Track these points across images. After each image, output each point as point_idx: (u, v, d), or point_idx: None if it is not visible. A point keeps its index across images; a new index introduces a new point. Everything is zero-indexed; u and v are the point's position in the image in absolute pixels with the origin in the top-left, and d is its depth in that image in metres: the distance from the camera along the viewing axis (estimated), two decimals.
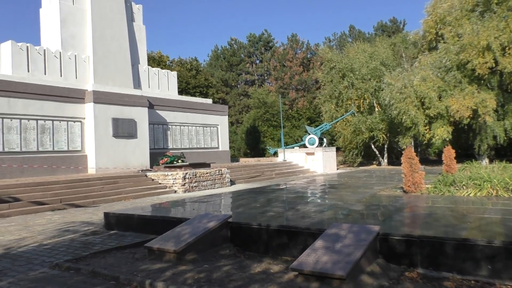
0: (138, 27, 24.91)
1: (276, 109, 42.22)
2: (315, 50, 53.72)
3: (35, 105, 17.96)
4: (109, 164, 19.70)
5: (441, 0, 26.52)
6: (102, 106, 19.83)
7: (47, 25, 20.98)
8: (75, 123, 19.50)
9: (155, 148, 23.49)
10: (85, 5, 21.29)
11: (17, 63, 18.50)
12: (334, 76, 31.92)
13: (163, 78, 26.03)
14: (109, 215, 8.72)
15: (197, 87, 46.72)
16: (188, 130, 26.24)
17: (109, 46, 21.70)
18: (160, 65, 45.56)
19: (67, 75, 20.20)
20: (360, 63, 30.80)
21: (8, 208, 11.66)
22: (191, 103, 26.76)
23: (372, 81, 30.24)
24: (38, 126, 18.09)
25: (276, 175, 23.32)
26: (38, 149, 17.99)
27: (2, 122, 16.87)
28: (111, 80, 21.44)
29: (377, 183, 13.43)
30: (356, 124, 29.83)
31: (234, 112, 51.10)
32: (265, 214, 7.38)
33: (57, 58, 19.94)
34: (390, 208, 7.56)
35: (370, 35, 52.87)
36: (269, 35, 57.43)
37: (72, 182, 14.68)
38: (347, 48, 34.93)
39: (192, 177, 16.94)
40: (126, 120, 20.80)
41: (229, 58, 55.39)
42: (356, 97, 30.54)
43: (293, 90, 51.50)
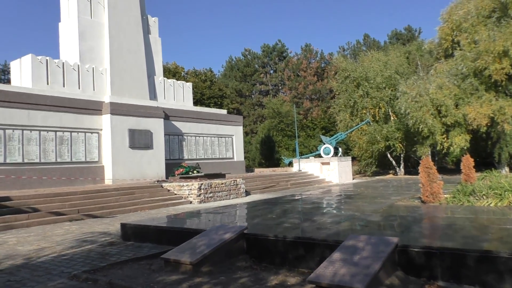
0: (154, 40, 25.29)
1: (290, 119, 42.18)
2: (329, 59, 53.68)
3: (54, 117, 18.31)
4: (125, 175, 19.90)
5: (457, 7, 26.32)
6: (118, 118, 20.10)
7: (66, 38, 21.45)
8: (93, 134, 19.80)
9: (171, 158, 23.65)
10: (103, 19, 21.73)
11: (37, 76, 18.92)
12: (348, 85, 31.82)
13: (178, 89, 26.30)
14: (126, 226, 8.78)
15: (211, 97, 47.05)
16: (203, 140, 26.39)
17: (125, 59, 22.06)
18: (176, 76, 46.07)
19: (85, 87, 20.57)
20: (374, 72, 30.65)
21: (28, 218, 11.84)
22: (206, 113, 26.95)
23: (387, 89, 30.03)
24: (57, 137, 18.42)
25: (291, 185, 23.22)
26: (57, 160, 18.29)
27: (22, 134, 17.22)
28: (127, 91, 21.75)
29: (394, 193, 13.25)
30: (371, 133, 29.59)
31: (248, 122, 51.23)
32: (281, 225, 7.33)
33: (76, 71, 20.34)
34: (408, 219, 7.44)
35: (384, 43, 52.65)
36: (283, 45, 57.65)
37: (89, 193, 14.86)
38: (362, 57, 34.82)
39: (208, 188, 16.98)
40: (142, 131, 21.03)
41: (243, 68, 55.73)
42: (371, 106, 30.34)
43: (308, 100, 51.43)
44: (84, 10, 21.11)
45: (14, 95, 17.04)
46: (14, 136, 16.96)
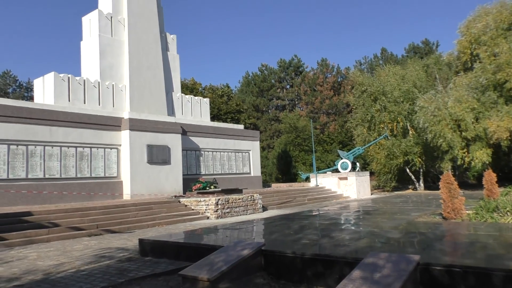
0: (172, 56, 25.72)
1: (307, 134, 42.07)
2: (346, 73, 53.62)
3: (75, 133, 18.69)
4: (143, 190, 20.07)
5: (475, 20, 26.10)
6: (137, 133, 20.39)
7: (87, 56, 22.01)
8: (112, 150, 20.10)
9: (188, 174, 23.78)
10: (123, 37, 22.25)
11: (59, 93, 19.40)
12: (365, 99, 31.66)
13: (195, 105, 26.58)
14: (143, 242, 8.81)
15: (228, 113, 47.37)
16: (220, 155, 26.49)
17: (144, 75, 22.46)
18: (193, 92, 46.63)
19: (105, 103, 20.98)
20: (392, 86, 30.45)
21: (48, 233, 12.01)
22: (223, 129, 27.11)
23: (405, 103, 29.76)
24: (77, 153, 18.76)
25: (309, 201, 23.03)
26: (77, 175, 18.59)
27: (44, 149, 17.60)
28: (146, 108, 22.08)
29: (414, 209, 13.01)
30: (389, 148, 29.26)
31: (265, 137, 51.29)
32: (299, 241, 7.26)
33: (96, 88, 20.79)
34: (429, 236, 7.27)
35: (402, 57, 52.37)
36: (299, 60, 57.90)
37: (108, 208, 15.01)
38: (378, 71, 34.69)
39: (225, 203, 16.97)
40: (160, 146, 21.25)
41: (259, 84, 56.07)
42: (389, 120, 30.06)
43: (324, 114, 51.31)
44: (105, 28, 21.67)
45: (37, 112, 17.49)
46: (36, 152, 17.35)
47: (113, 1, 22.38)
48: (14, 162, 16.62)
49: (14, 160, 16.61)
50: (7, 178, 16.33)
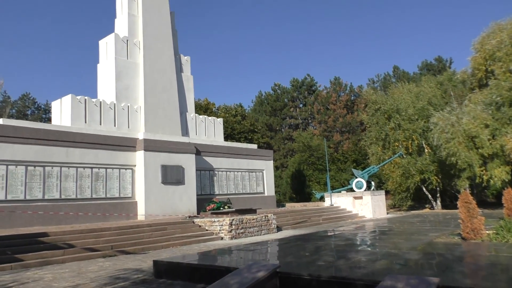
0: (186, 77, 26.09)
1: (321, 152, 41.87)
2: (359, 92, 53.56)
3: (90, 154, 18.94)
4: (158, 211, 20.11)
5: (489, 37, 25.98)
6: (152, 154, 20.57)
7: (103, 78, 22.47)
8: (127, 170, 20.28)
9: (202, 194, 23.79)
10: (138, 59, 22.70)
11: (76, 115, 19.77)
12: (379, 117, 31.50)
13: (209, 125, 26.77)
14: (158, 263, 8.78)
15: (242, 132, 47.55)
16: (234, 175, 26.49)
17: (159, 96, 22.79)
18: (207, 112, 47.04)
19: (120, 124, 21.28)
20: (406, 104, 30.28)
21: (63, 254, 12.06)
22: (236, 148, 27.17)
23: (419, 121, 29.50)
24: (93, 174, 18.97)
25: (324, 221, 22.76)
26: (92, 196, 18.75)
27: (60, 170, 17.85)
28: (160, 128, 22.32)
29: (431, 229, 12.75)
30: (405, 166, 28.90)
31: (279, 156, 51.20)
32: (314, 263, 7.15)
33: (112, 109, 21.14)
34: (448, 257, 7.09)
35: (415, 74, 52.20)
36: (311, 79, 58.13)
37: (122, 229, 15.05)
38: (392, 89, 34.58)
39: (239, 224, 16.87)
40: (174, 167, 21.37)
41: (272, 103, 56.31)
42: (403, 139, 29.76)
43: (338, 133, 51.11)
44: (121, 51, 22.16)
45: (54, 134, 17.82)
46: (53, 173, 17.60)
47: (129, 24, 22.94)
48: (32, 183, 16.87)
49: (31, 181, 16.87)
50: (24, 199, 16.56)
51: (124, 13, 23.20)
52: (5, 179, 16.13)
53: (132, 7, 23.31)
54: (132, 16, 23.16)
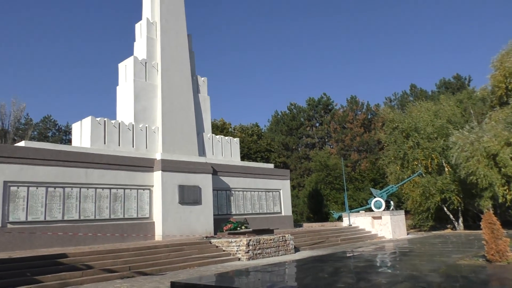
0: (203, 98, 26.40)
1: (338, 172, 41.46)
2: (376, 110, 53.26)
3: (109, 175, 19.17)
4: (175, 231, 20.10)
5: (508, 54, 25.71)
6: (169, 174, 20.70)
7: (122, 100, 22.91)
8: (144, 190, 20.42)
9: (219, 214, 23.74)
10: (156, 81, 23.13)
11: (95, 136, 20.13)
12: (397, 136, 31.15)
13: (226, 145, 26.88)
14: (175, 285, 8.71)
15: (258, 152, 47.58)
16: (251, 195, 26.40)
17: (176, 117, 23.07)
18: (223, 131, 47.35)
19: (139, 145, 21.55)
20: (424, 122, 29.92)
21: (82, 275, 12.10)
22: (253, 168, 27.14)
23: (439, 140, 29.05)
24: (111, 194, 19.16)
25: (342, 241, 22.37)
26: (110, 217, 18.89)
27: (79, 191, 18.09)
28: (178, 148, 22.52)
29: (454, 250, 12.40)
30: (425, 186, 28.33)
31: (295, 176, 50.91)
32: (333, 285, 6.99)
33: (130, 130, 21.46)
34: (473, 280, 6.86)
35: (433, 93, 51.73)
36: (328, 98, 58.10)
37: (140, 250, 15.07)
38: (410, 107, 34.27)
39: (256, 244, 16.72)
40: (191, 187, 21.44)
41: (289, 122, 56.34)
42: (422, 157, 29.27)
43: (355, 152, 50.68)
44: (140, 73, 22.63)
45: (74, 155, 18.13)
46: (72, 194, 17.84)
47: (147, 47, 23.47)
48: (52, 204, 17.11)
49: (51, 202, 17.11)
50: (44, 220, 16.78)
51: (143, 36, 23.78)
52: (26, 200, 16.42)
53: (150, 30, 23.89)
54: (150, 39, 23.72)
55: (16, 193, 16.21)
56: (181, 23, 25.27)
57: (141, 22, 24.22)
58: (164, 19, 24.25)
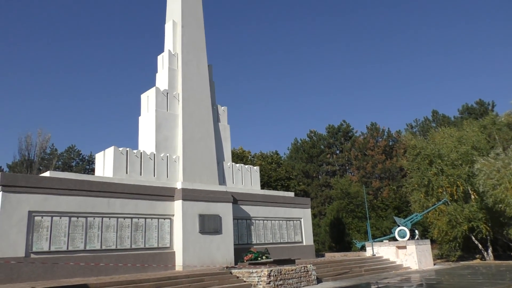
0: (223, 127, 26.63)
1: (360, 200, 40.76)
2: (397, 137, 52.66)
3: (130, 204, 19.28)
4: (195, 261, 19.92)
5: None
6: (189, 203, 20.70)
7: (144, 130, 23.31)
8: (165, 220, 20.43)
9: (239, 243, 23.47)
10: (177, 111, 23.51)
11: (117, 166, 20.41)
12: (420, 163, 30.55)
13: (246, 173, 26.84)
14: None
15: (278, 180, 47.32)
16: (271, 224, 26.08)
17: (197, 146, 23.27)
18: (243, 160, 47.43)
19: (160, 174, 21.73)
20: (448, 148, 29.36)
21: None
22: (273, 197, 26.93)
23: (464, 166, 28.37)
24: (132, 224, 19.21)
25: (366, 272, 21.71)
26: (131, 246, 18.87)
27: (101, 221, 18.21)
28: (198, 177, 22.60)
29: (485, 282, 11.87)
30: (451, 214, 27.51)
31: (316, 204, 50.26)
32: None
33: (152, 160, 21.70)
34: None
35: (455, 118, 50.93)
36: (347, 125, 57.87)
37: (161, 280, 14.95)
38: (432, 133, 33.79)
39: (277, 275, 16.38)
40: (211, 216, 21.34)
41: (309, 150, 56.12)
42: (447, 185, 28.53)
43: (377, 179, 49.89)
44: (161, 104, 23.07)
45: (97, 185, 18.38)
46: (95, 224, 17.97)
47: (169, 78, 24.00)
48: (74, 233, 17.25)
49: (74, 232, 17.25)
50: (67, 250, 16.87)
51: (165, 67, 24.38)
52: (49, 230, 16.59)
53: (172, 62, 24.50)
54: (172, 70, 24.28)
55: (40, 223, 16.43)
56: (202, 54, 25.86)
57: (163, 54, 24.89)
58: (186, 51, 24.87)
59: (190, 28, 25.68)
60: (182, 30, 25.11)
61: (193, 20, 26.07)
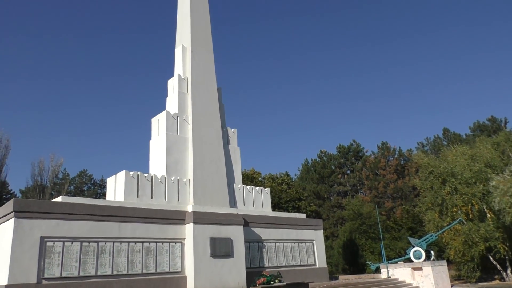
0: (233, 149, 26.65)
1: (373, 220, 40.10)
2: (408, 156, 52.16)
3: (141, 228, 19.19)
4: (207, 285, 19.63)
5: None
6: (200, 226, 20.54)
7: (155, 153, 23.42)
8: (176, 244, 20.27)
9: (251, 266, 23.10)
10: (188, 134, 23.64)
11: (128, 190, 20.43)
12: (433, 181, 30.10)
13: (257, 195, 26.66)
14: None
15: (289, 201, 46.91)
16: (283, 246, 25.71)
17: (207, 169, 23.26)
18: (253, 181, 47.23)
19: (170, 198, 21.69)
20: (461, 167, 28.94)
21: None
22: (285, 218, 26.64)
23: (478, 185, 27.86)
24: (143, 248, 19.08)
25: None
26: (143, 271, 18.69)
27: (113, 246, 18.12)
28: (209, 200, 22.50)
29: None
30: (467, 234, 26.89)
31: (328, 225, 49.59)
32: None
33: (162, 183, 21.71)
34: None
35: (467, 136, 50.42)
36: (358, 145, 57.56)
37: None
38: (444, 152, 33.43)
39: None
40: (223, 239, 21.13)
41: (319, 170, 55.77)
42: (462, 203, 27.97)
43: (389, 199, 49.23)
44: (172, 127, 23.23)
45: (108, 209, 18.38)
46: (106, 248, 17.88)
47: (179, 102, 24.24)
48: (85, 259, 17.16)
49: (85, 257, 17.17)
50: (78, 276, 16.76)
51: (175, 91, 24.66)
52: (61, 255, 16.53)
53: (182, 86, 24.78)
54: (182, 94, 24.54)
55: (52, 249, 16.40)
56: (211, 77, 26.14)
57: (173, 78, 25.23)
58: (195, 75, 25.18)
59: (200, 52, 26.07)
60: (191, 55, 25.49)
61: (202, 45, 26.48)
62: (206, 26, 27.46)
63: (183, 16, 27.29)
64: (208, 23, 27.77)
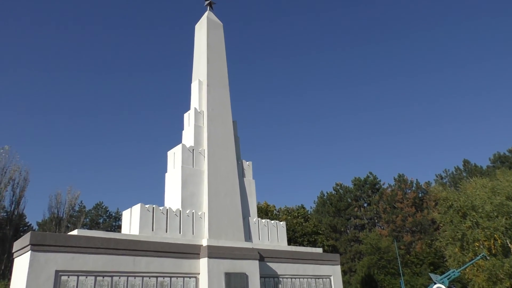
0: (248, 182, 26.56)
1: (391, 255, 39.05)
2: (426, 188, 51.22)
3: (156, 262, 18.97)
4: None
5: None
6: (215, 261, 20.23)
7: (170, 186, 23.46)
8: (191, 279, 19.94)
9: None
10: (203, 167, 23.71)
11: (144, 223, 20.37)
12: (453, 215, 29.40)
13: (272, 229, 26.31)
14: None
15: (304, 235, 46.14)
16: (300, 282, 25.05)
17: (222, 202, 23.15)
18: (268, 214, 46.76)
19: (185, 231, 21.52)
20: (482, 200, 28.23)
21: None
22: (301, 253, 26.08)
23: (500, 218, 27.05)
24: (158, 283, 18.81)
25: None
26: None
27: (127, 280, 17.91)
28: (224, 234, 22.26)
29: None
30: (490, 270, 25.92)
31: (345, 260, 48.40)
32: None
33: (177, 216, 21.61)
34: None
35: (488, 168, 49.42)
36: (374, 177, 56.89)
37: None
38: (464, 184, 32.72)
39: None
40: (237, 274, 20.73)
41: (336, 203, 55.05)
42: (484, 238, 27.14)
43: (408, 233, 48.04)
44: (187, 160, 23.36)
45: (123, 243, 18.28)
46: (120, 283, 17.68)
47: (195, 135, 24.49)
48: None
49: None
50: None
51: (190, 125, 24.96)
52: None
53: (198, 119, 25.11)
54: (198, 127, 24.82)
55: (66, 283, 16.28)
56: (227, 111, 26.46)
57: (189, 111, 25.61)
58: (211, 108, 25.53)
59: (215, 86, 26.53)
60: (207, 89, 25.95)
61: (218, 79, 26.99)
62: (222, 61, 28.07)
63: (200, 51, 28.01)
64: (224, 58, 28.40)
